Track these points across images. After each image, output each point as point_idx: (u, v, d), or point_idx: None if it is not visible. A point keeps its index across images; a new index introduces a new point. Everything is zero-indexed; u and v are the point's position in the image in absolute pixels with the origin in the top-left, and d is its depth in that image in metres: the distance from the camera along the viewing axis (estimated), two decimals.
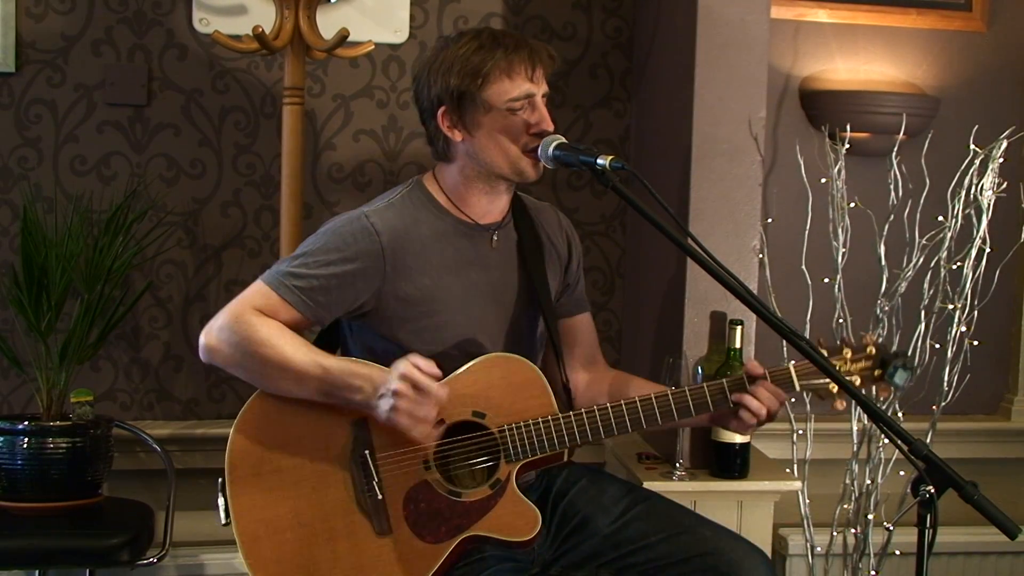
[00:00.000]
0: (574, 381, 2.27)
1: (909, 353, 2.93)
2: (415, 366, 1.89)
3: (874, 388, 2.04)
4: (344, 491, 1.96)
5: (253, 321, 1.95)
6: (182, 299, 3.09)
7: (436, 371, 1.91)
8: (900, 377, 1.98)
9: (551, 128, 2.03)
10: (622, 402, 2.01)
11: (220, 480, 1.97)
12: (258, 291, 1.99)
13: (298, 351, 1.94)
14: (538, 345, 2.21)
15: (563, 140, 2.00)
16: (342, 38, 2.65)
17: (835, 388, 2.02)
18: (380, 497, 1.95)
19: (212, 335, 1.97)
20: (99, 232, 2.81)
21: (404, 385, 1.88)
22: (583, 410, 2.01)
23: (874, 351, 2.02)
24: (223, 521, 1.97)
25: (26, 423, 2.66)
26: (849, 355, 2.01)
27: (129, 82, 3.01)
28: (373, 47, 2.87)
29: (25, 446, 2.61)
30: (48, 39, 2.98)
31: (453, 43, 2.04)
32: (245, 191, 3.10)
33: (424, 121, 2.10)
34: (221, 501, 1.97)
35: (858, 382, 2.01)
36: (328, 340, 2.16)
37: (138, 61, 3.02)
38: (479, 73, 1.98)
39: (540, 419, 1.99)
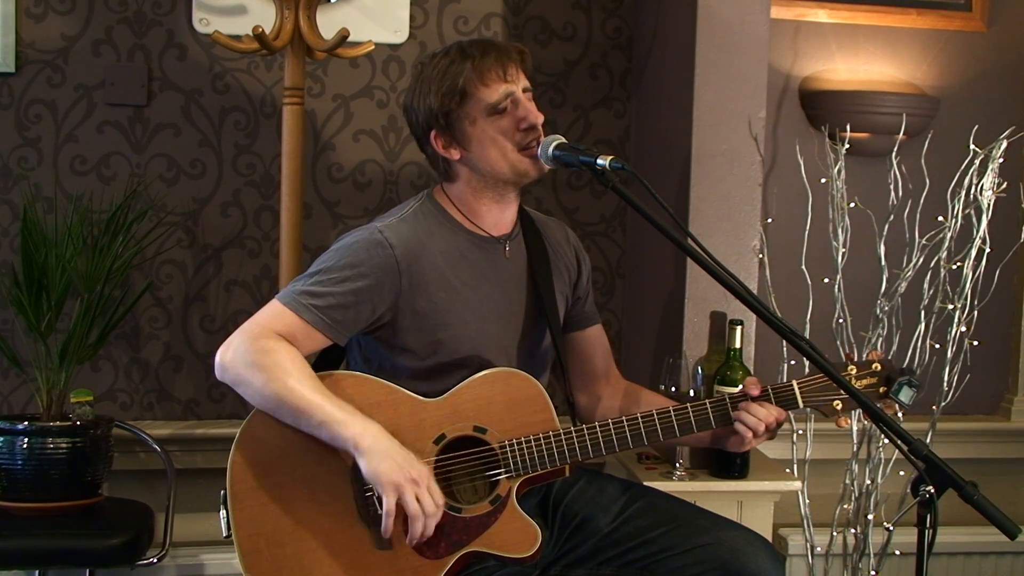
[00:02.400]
0: (587, 395, 2.27)
1: (913, 361, 2.94)
2: None
3: (879, 405, 2.03)
4: (345, 505, 1.95)
5: (268, 346, 1.93)
6: (182, 299, 3.09)
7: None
8: (905, 395, 1.96)
9: (539, 119, 2.03)
10: (623, 418, 2.01)
11: (222, 493, 1.97)
12: (275, 312, 1.97)
13: (304, 384, 1.91)
14: (547, 359, 2.20)
15: (563, 140, 2.01)
16: (342, 38, 2.65)
17: (839, 405, 2.01)
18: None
19: (228, 354, 1.96)
20: (99, 232, 2.81)
21: (426, 477, 1.90)
22: (584, 426, 2.01)
23: (880, 367, 2.00)
24: (225, 534, 1.97)
25: (26, 423, 2.66)
26: (854, 371, 2.00)
27: (129, 82, 3.01)
28: (373, 47, 2.87)
29: (25, 446, 2.61)
30: (48, 39, 2.98)
31: (427, 66, 2.06)
32: (245, 191, 3.09)
33: (421, 147, 2.11)
34: (223, 513, 1.96)
35: None
36: (332, 355, 2.14)
37: (138, 61, 3.02)
38: (455, 90, 2.00)
39: (541, 435, 1.99)
